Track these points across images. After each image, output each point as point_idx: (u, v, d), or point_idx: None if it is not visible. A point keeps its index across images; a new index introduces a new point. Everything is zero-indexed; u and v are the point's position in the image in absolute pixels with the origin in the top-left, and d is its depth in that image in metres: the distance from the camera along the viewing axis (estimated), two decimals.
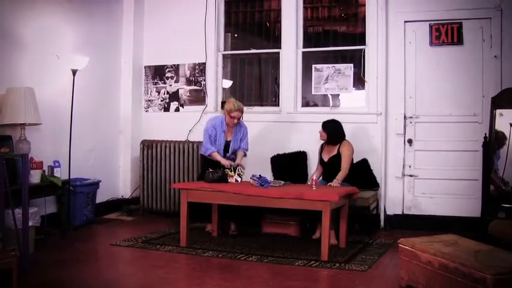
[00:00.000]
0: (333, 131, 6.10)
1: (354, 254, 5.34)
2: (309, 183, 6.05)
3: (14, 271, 4.02)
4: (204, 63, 7.58)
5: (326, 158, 6.14)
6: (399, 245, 4.27)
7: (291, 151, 6.94)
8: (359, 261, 5.10)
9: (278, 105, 7.30)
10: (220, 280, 4.62)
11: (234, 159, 6.21)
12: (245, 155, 6.33)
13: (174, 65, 7.79)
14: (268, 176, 6.35)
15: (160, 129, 7.70)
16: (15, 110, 5.45)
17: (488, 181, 5.82)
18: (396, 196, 6.71)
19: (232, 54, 7.74)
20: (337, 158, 6.02)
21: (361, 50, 6.88)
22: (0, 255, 4.09)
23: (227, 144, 6.23)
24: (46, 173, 6.02)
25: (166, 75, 7.82)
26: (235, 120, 6.11)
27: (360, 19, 7.05)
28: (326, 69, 7.03)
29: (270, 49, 7.48)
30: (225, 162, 6.02)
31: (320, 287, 4.69)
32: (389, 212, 6.71)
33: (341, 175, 5.88)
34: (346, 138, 6.14)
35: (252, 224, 6.40)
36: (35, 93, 5.65)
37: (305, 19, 7.24)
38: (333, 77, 6.99)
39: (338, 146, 6.07)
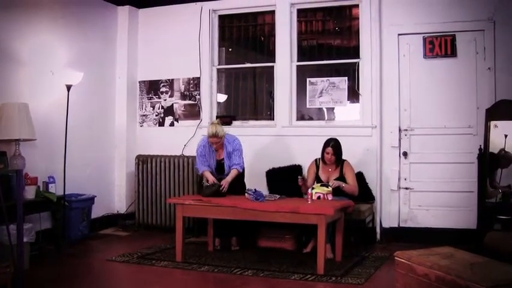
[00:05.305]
0: (339, 151, 6.05)
1: (350, 268, 5.32)
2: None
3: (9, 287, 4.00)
4: (199, 78, 7.59)
5: (325, 179, 6.03)
6: (396, 258, 4.25)
7: (286, 165, 6.93)
8: (355, 274, 5.08)
9: (273, 119, 7.29)
10: None
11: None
12: (239, 172, 6.05)
13: (169, 79, 7.80)
14: (264, 190, 6.35)
15: (155, 144, 7.68)
16: (9, 125, 5.43)
17: (483, 193, 5.82)
18: (392, 209, 6.69)
19: (226, 69, 7.76)
20: (341, 180, 5.96)
21: (355, 63, 6.90)
22: None
23: (220, 164, 6.16)
24: (41, 189, 6.01)
25: (161, 90, 7.82)
26: (214, 145, 6.06)
27: (354, 32, 7.07)
28: (321, 82, 7.04)
29: (264, 63, 7.47)
30: (211, 179, 5.98)
31: None
32: (385, 225, 6.70)
33: (349, 187, 5.90)
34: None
35: (249, 238, 6.37)
36: (30, 109, 5.64)
37: (299, 33, 7.26)
38: (327, 91, 7.00)
39: (339, 167, 6.04)
